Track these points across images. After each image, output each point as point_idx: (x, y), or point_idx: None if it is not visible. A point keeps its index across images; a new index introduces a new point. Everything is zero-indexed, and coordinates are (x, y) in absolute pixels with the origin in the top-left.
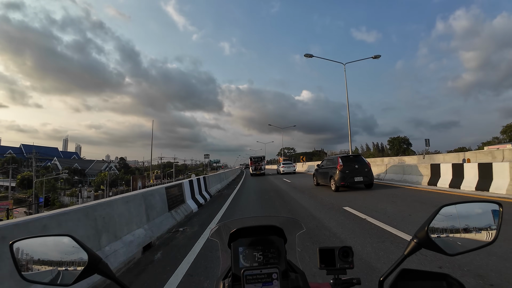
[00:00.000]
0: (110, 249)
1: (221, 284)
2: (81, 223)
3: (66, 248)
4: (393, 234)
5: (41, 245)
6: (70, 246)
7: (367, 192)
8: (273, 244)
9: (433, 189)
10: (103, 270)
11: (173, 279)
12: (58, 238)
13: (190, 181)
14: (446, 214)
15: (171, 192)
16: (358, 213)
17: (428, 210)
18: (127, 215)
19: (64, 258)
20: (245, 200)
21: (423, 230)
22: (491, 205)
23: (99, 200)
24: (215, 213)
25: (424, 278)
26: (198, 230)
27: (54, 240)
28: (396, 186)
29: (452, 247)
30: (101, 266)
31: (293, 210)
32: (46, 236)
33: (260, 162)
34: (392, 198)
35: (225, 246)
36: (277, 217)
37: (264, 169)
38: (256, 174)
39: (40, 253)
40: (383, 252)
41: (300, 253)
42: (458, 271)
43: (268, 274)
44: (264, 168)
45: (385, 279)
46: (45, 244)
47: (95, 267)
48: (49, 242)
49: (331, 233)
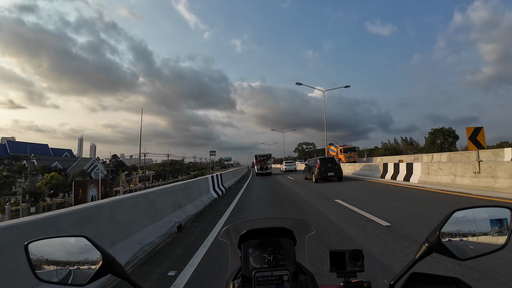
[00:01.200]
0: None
1: (231, 285)
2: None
3: (80, 249)
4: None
5: (56, 245)
6: (85, 246)
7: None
8: (283, 246)
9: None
10: (116, 271)
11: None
12: (73, 239)
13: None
14: (457, 218)
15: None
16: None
17: (361, 190)
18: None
19: (78, 258)
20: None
21: (435, 235)
22: (502, 210)
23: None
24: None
25: (435, 282)
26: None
27: (69, 240)
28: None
29: (464, 252)
30: (115, 267)
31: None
32: (61, 237)
33: (266, 161)
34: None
35: (235, 247)
36: (287, 219)
37: (270, 168)
38: (262, 173)
39: (54, 253)
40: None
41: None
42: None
43: (279, 276)
44: (270, 167)
45: (396, 283)
46: (60, 244)
47: (109, 267)
48: (64, 242)
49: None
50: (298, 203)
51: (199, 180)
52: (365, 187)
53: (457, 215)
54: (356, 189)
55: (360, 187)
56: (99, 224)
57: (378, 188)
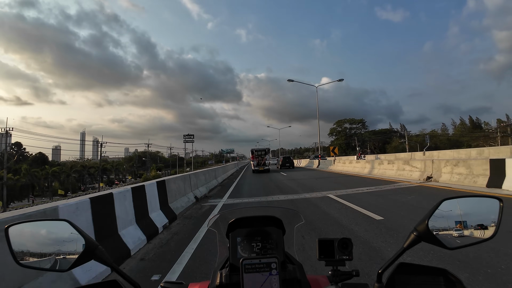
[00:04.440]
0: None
1: (218, 274)
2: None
3: (62, 233)
4: (282, 174)
5: (38, 229)
6: (67, 231)
7: (291, 170)
8: (272, 235)
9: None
10: (99, 256)
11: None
12: (54, 223)
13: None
14: (446, 208)
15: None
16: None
17: (304, 173)
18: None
19: (60, 243)
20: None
21: (423, 223)
22: (491, 200)
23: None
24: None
25: (422, 272)
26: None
27: (50, 224)
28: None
29: (452, 241)
30: (98, 252)
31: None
32: (42, 221)
33: (264, 156)
34: (299, 171)
35: (223, 236)
36: (277, 208)
37: (268, 165)
38: (259, 170)
39: (36, 237)
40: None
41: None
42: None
43: (267, 264)
44: (268, 163)
45: (384, 272)
46: (42, 228)
47: (92, 253)
48: (46, 226)
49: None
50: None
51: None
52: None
53: (446, 204)
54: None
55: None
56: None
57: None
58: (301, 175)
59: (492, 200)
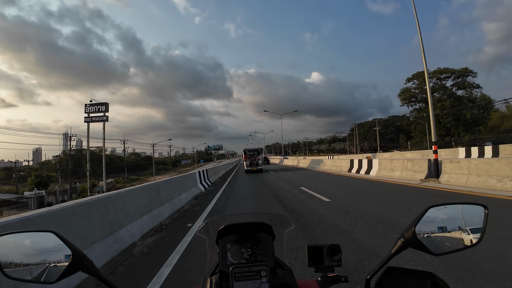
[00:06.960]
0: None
1: (208, 281)
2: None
3: (49, 245)
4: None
5: (24, 241)
6: (54, 242)
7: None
8: (261, 241)
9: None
10: (87, 267)
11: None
12: (41, 234)
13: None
14: (433, 215)
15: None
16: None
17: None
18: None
19: (47, 255)
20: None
21: (410, 230)
22: (477, 207)
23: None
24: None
25: (410, 276)
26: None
27: (37, 236)
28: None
29: (438, 247)
30: (86, 263)
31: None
32: (28, 232)
33: (257, 156)
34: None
35: (213, 242)
36: (266, 214)
37: (261, 164)
38: (252, 170)
39: (22, 249)
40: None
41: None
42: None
43: (257, 272)
44: (261, 163)
45: (372, 277)
46: (28, 240)
47: (80, 264)
48: (32, 238)
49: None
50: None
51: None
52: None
53: (432, 211)
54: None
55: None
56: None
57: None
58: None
59: (478, 207)
